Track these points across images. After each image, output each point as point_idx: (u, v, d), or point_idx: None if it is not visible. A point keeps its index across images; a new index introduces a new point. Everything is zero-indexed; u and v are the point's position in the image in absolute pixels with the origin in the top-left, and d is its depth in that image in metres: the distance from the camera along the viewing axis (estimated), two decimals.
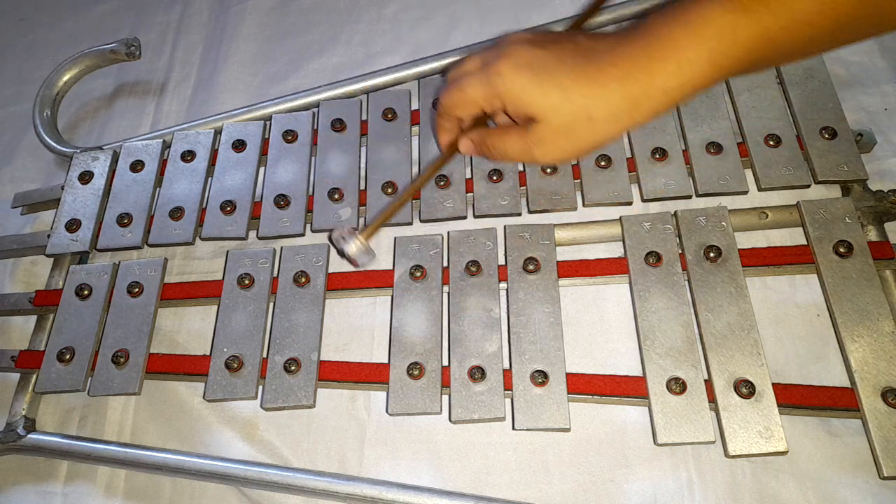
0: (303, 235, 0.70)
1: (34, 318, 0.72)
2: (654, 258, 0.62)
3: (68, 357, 0.64)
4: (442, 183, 0.69)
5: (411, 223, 0.69)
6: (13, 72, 0.99)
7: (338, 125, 0.75)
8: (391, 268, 0.66)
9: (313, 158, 0.74)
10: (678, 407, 0.55)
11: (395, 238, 0.67)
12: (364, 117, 0.76)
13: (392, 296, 0.64)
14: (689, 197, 0.66)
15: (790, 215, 0.65)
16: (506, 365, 0.60)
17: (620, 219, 0.65)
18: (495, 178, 0.68)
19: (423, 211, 0.68)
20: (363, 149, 0.74)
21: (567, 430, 0.56)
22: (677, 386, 0.56)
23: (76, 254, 0.73)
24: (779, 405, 0.55)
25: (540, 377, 0.58)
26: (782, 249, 0.62)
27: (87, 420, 0.68)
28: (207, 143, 0.77)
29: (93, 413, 0.68)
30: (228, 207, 0.71)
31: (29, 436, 0.65)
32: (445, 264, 0.65)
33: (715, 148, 0.66)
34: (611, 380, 0.58)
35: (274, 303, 0.65)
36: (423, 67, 0.79)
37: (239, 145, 0.75)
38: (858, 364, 0.56)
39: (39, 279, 0.77)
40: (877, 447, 0.53)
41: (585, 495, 0.58)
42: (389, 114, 0.75)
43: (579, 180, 0.67)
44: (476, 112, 0.54)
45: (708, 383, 0.56)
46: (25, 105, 0.87)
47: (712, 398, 0.56)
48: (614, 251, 0.66)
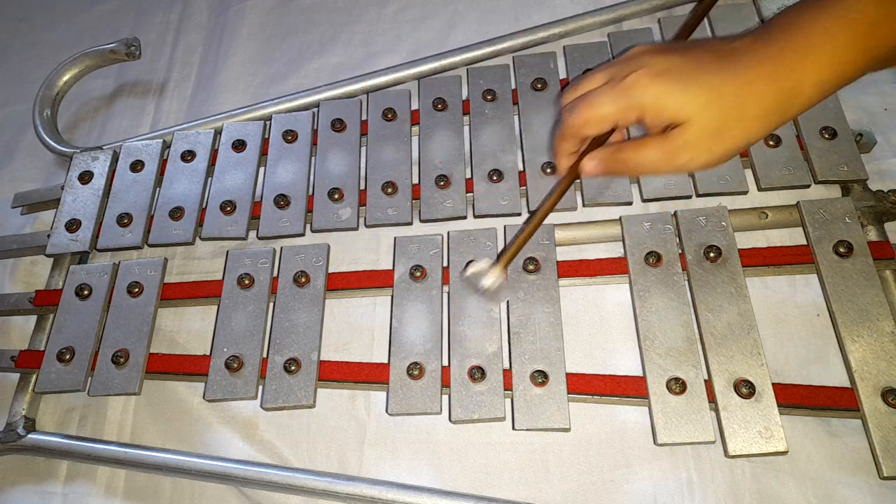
0: (303, 235, 0.70)
1: (34, 318, 0.72)
2: (654, 258, 0.62)
3: (68, 357, 0.64)
4: (442, 183, 0.69)
5: (411, 223, 0.69)
6: (13, 72, 0.99)
7: (338, 125, 0.75)
8: (391, 268, 0.66)
9: (313, 158, 0.74)
10: (678, 407, 0.55)
11: (395, 238, 0.67)
12: (364, 117, 0.76)
13: (392, 296, 0.64)
14: (689, 197, 0.66)
15: (790, 215, 0.65)
16: (506, 365, 0.60)
17: (620, 219, 0.65)
18: (495, 179, 0.68)
19: (423, 211, 0.68)
20: (363, 149, 0.74)
21: (567, 430, 0.56)
22: (677, 386, 0.56)
23: (76, 254, 0.73)
24: (779, 405, 0.55)
25: (540, 377, 0.58)
26: (782, 249, 0.62)
27: (87, 420, 0.68)
28: (207, 143, 0.77)
29: (93, 413, 0.68)
30: (228, 207, 0.71)
31: (29, 436, 0.65)
32: (445, 264, 0.65)
33: None
34: (611, 380, 0.58)
35: (274, 303, 0.65)
36: (423, 67, 0.79)
37: (239, 145, 0.75)
38: (858, 364, 0.56)
39: (39, 279, 0.77)
40: (877, 447, 0.53)
41: (585, 495, 0.58)
42: (389, 114, 0.75)
43: (579, 180, 0.67)
44: (605, 129, 0.52)
45: (708, 383, 0.56)
46: (25, 105, 0.87)
47: (712, 398, 0.56)
48: (614, 251, 0.66)
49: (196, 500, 0.62)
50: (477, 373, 0.58)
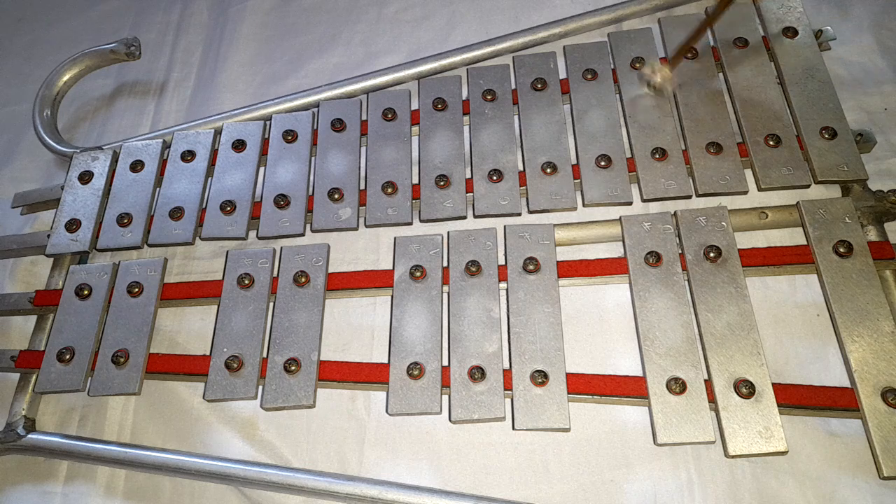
0: (303, 235, 0.70)
1: (34, 318, 0.72)
2: (654, 258, 0.62)
3: (68, 357, 0.64)
4: (442, 183, 0.69)
5: (411, 223, 0.69)
6: (13, 72, 0.99)
7: (338, 125, 0.75)
8: (391, 268, 0.66)
9: (313, 158, 0.74)
10: (678, 407, 0.55)
11: (395, 238, 0.67)
12: (364, 117, 0.76)
13: (392, 296, 0.64)
14: (689, 197, 0.66)
15: (790, 215, 0.65)
16: (506, 365, 0.60)
17: (620, 219, 0.65)
18: (495, 178, 0.68)
19: (423, 211, 0.68)
20: (363, 149, 0.74)
21: (567, 430, 0.56)
22: (677, 386, 0.56)
23: (76, 254, 0.73)
24: (779, 405, 0.54)
25: (540, 377, 0.58)
26: (782, 249, 0.62)
27: (87, 420, 0.68)
28: (207, 143, 0.77)
29: (93, 413, 0.68)
30: (228, 207, 0.71)
31: (29, 436, 0.65)
32: (445, 264, 0.65)
33: (715, 148, 0.66)
34: (611, 380, 0.58)
35: (274, 303, 0.65)
36: (423, 67, 0.79)
37: (239, 145, 0.75)
38: (858, 364, 0.56)
39: (39, 279, 0.77)
40: (877, 447, 0.53)
41: (585, 495, 0.58)
42: (389, 114, 0.75)
43: (579, 180, 0.67)
44: None
45: (708, 383, 0.56)
46: (25, 105, 0.87)
47: (712, 398, 0.56)
48: (614, 251, 0.66)
49: (196, 500, 0.63)
50: (477, 373, 0.58)
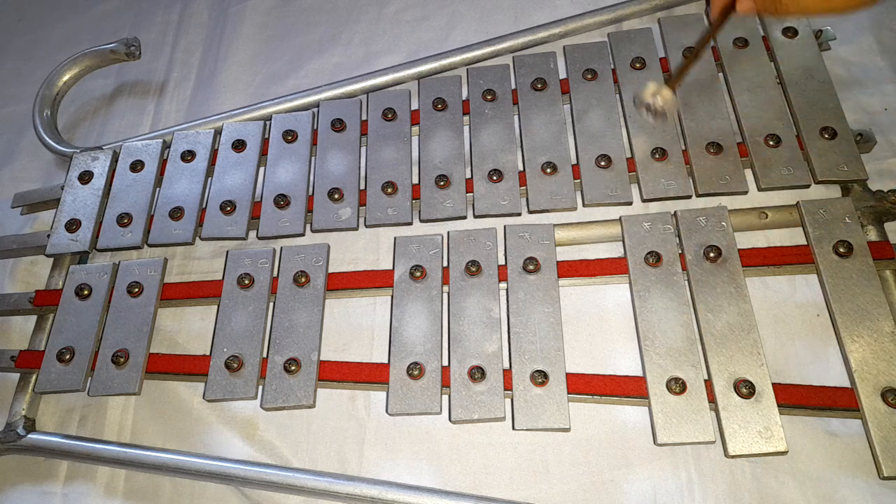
0: (303, 235, 0.70)
1: (34, 318, 0.72)
2: (654, 258, 0.62)
3: (68, 357, 0.64)
4: (442, 183, 0.69)
5: (411, 223, 0.69)
6: (13, 72, 0.99)
7: (338, 125, 0.75)
8: (391, 268, 0.66)
9: (313, 158, 0.74)
10: (678, 407, 0.55)
11: (395, 238, 0.67)
12: (364, 117, 0.76)
13: (392, 296, 0.64)
14: (689, 197, 0.66)
15: (790, 215, 0.65)
16: (506, 365, 0.60)
17: (620, 219, 0.65)
18: (495, 178, 0.68)
19: (423, 211, 0.68)
20: (363, 149, 0.74)
21: (567, 430, 0.56)
22: (677, 386, 0.56)
23: (76, 254, 0.73)
24: (779, 405, 0.54)
25: (540, 377, 0.58)
26: (782, 249, 0.62)
27: (87, 420, 0.68)
28: (207, 143, 0.77)
29: (93, 413, 0.68)
30: (228, 207, 0.71)
31: (29, 436, 0.65)
32: (445, 264, 0.65)
33: (715, 148, 0.66)
34: (611, 380, 0.58)
35: (274, 303, 0.65)
36: (423, 67, 0.79)
37: (239, 145, 0.75)
38: (858, 364, 0.56)
39: (39, 279, 0.77)
40: (877, 447, 0.53)
41: (585, 495, 0.58)
42: (389, 114, 0.75)
43: (579, 180, 0.67)
44: None
45: (708, 383, 0.56)
46: (25, 105, 0.87)
47: (712, 398, 0.56)
48: (614, 251, 0.66)
49: (196, 500, 0.63)
50: (477, 373, 0.58)
